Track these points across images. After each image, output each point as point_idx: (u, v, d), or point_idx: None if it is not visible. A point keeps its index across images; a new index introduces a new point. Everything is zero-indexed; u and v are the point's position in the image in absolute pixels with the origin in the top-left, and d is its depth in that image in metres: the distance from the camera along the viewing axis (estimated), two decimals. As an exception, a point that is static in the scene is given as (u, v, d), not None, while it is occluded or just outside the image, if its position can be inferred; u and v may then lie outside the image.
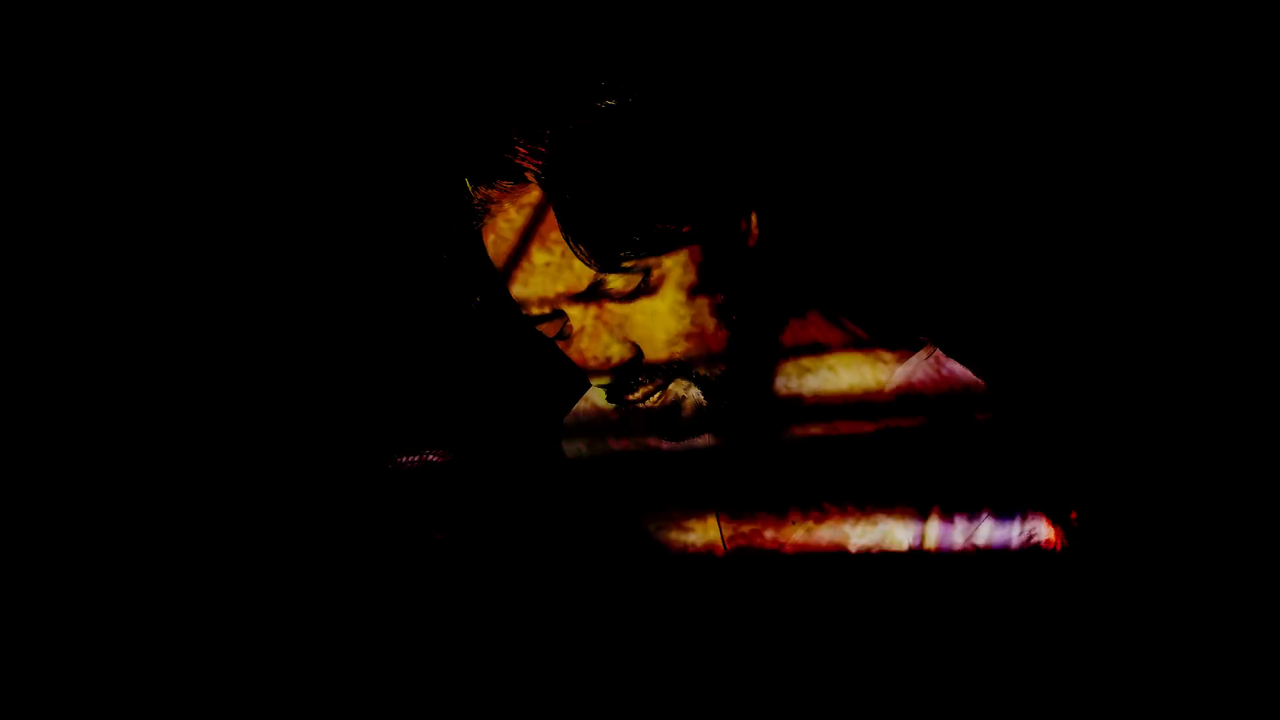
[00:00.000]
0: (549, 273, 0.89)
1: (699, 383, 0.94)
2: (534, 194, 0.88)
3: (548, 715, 1.04)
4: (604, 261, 0.87)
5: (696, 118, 0.92)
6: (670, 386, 0.94)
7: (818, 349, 1.01)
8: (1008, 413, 0.96)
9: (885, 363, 1.00)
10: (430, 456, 1.06)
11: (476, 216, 0.91)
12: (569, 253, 0.88)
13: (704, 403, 0.95)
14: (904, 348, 1.00)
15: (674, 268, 0.90)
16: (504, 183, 0.89)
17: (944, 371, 0.99)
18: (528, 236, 0.90)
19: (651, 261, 0.89)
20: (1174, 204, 1.17)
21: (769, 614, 0.99)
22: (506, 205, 0.89)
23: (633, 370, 0.92)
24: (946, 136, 1.18)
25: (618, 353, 0.92)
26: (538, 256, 0.89)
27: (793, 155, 1.11)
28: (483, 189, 0.90)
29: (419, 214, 1.02)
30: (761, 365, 1.00)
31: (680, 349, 0.92)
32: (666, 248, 0.89)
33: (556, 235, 0.88)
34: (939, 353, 1.00)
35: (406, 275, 1.15)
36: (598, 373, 0.93)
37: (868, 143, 1.17)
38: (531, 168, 0.87)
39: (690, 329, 0.92)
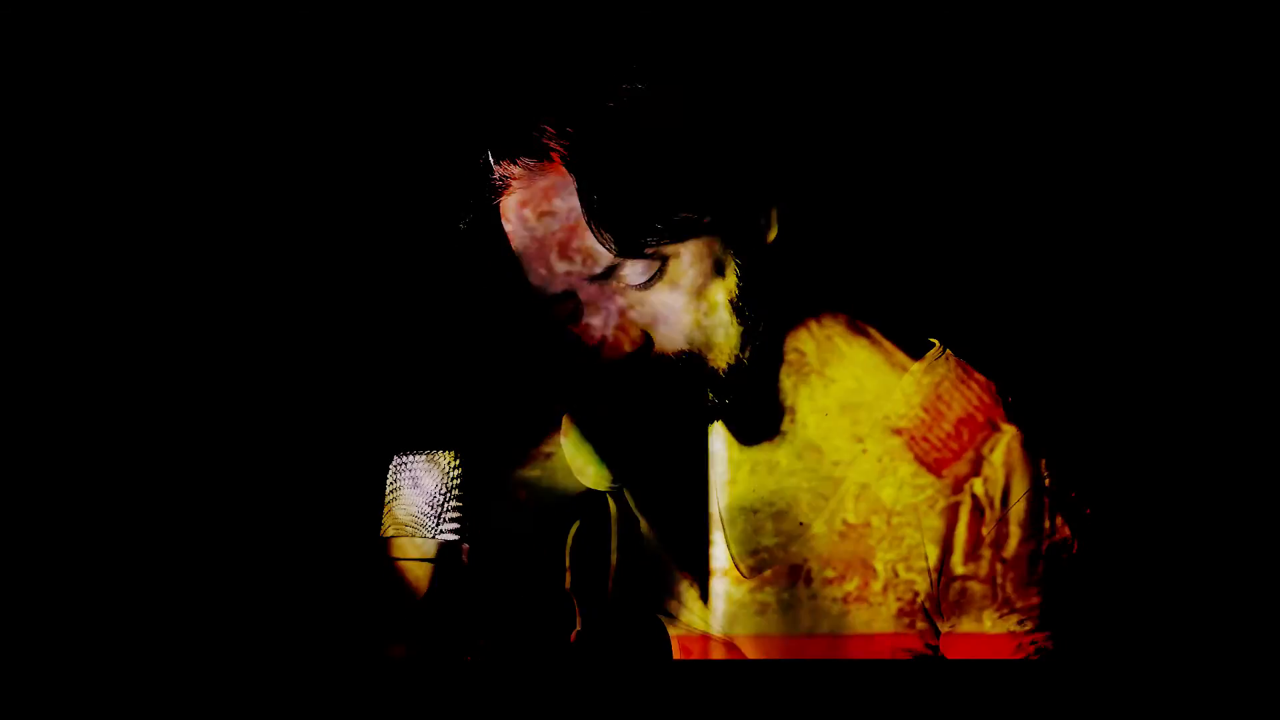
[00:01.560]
0: (569, 255, 0.89)
1: (709, 378, 0.92)
2: (555, 174, 0.88)
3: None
4: (625, 246, 0.87)
5: (726, 107, 0.92)
6: (680, 378, 0.92)
7: (833, 351, 0.99)
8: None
9: (907, 370, 0.97)
10: (435, 453, 1.05)
11: (494, 191, 0.91)
12: (591, 236, 0.87)
13: (713, 399, 0.93)
14: (922, 355, 0.98)
15: (692, 258, 0.89)
16: (526, 160, 0.88)
17: (970, 386, 0.97)
18: (548, 217, 0.89)
19: (669, 250, 0.88)
20: (1207, 211, 1.15)
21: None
22: (525, 183, 0.89)
23: (644, 359, 0.91)
24: (981, 134, 1.16)
25: (630, 340, 0.91)
26: (557, 236, 0.89)
27: (820, 153, 1.10)
28: (505, 163, 0.89)
29: (435, 189, 1.00)
30: (773, 364, 0.98)
31: (693, 340, 0.91)
32: (686, 236, 0.88)
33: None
34: (961, 363, 0.98)
35: (417, 254, 1.14)
36: (609, 359, 0.91)
37: (899, 142, 1.16)
38: (558, 148, 0.87)
39: (705, 321, 0.91)
